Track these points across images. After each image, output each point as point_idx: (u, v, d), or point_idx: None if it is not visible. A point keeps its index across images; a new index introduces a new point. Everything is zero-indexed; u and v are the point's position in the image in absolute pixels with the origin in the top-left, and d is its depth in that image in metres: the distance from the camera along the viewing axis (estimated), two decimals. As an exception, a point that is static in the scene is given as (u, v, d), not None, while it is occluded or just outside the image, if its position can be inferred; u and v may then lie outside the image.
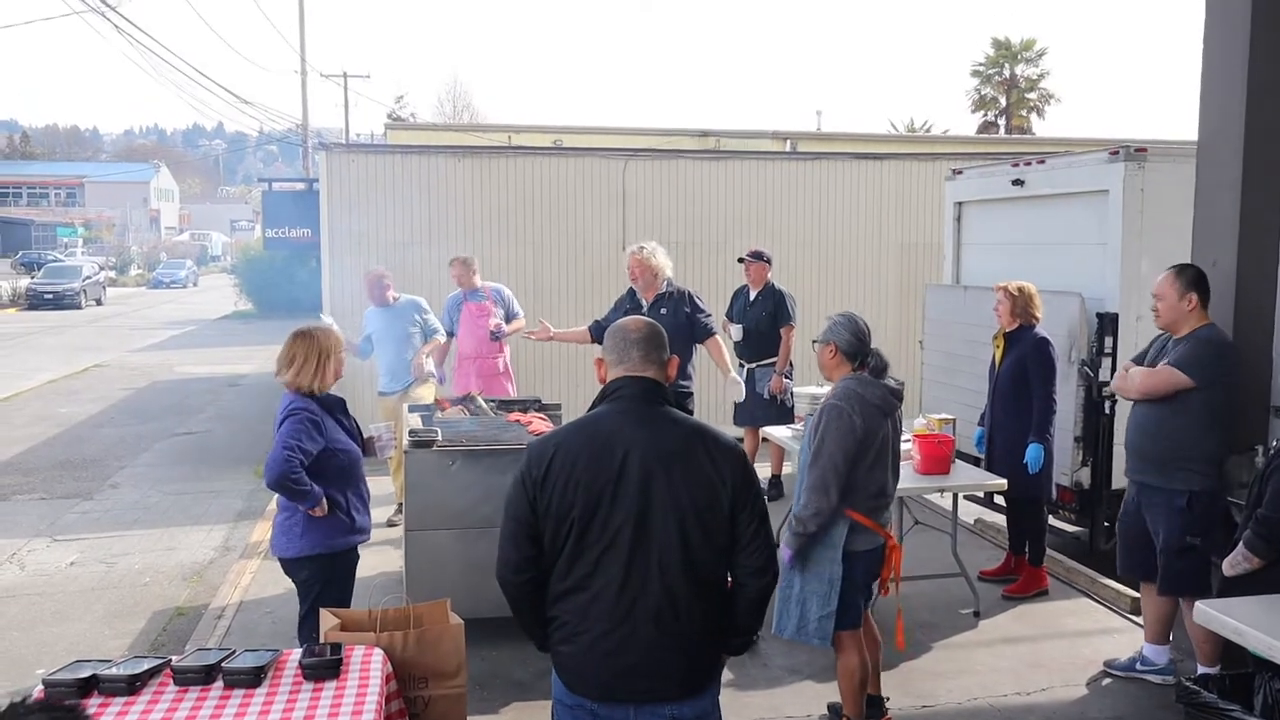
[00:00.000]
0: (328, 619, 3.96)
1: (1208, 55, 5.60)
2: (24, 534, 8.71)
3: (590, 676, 2.93)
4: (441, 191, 11.29)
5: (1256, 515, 4.24)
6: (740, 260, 8.87)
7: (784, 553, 4.55)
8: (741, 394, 7.59)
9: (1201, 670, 4.91)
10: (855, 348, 4.61)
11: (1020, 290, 6.58)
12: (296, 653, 3.60)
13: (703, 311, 7.36)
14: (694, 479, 2.91)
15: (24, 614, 6.86)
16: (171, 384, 17.91)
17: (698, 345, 7.36)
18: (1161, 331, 5.29)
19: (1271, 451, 4.32)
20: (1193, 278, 5.09)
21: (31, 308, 36.39)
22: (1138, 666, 5.49)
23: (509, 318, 8.79)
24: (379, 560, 7.18)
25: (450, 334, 8.74)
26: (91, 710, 3.11)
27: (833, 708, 5.08)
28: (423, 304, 8.58)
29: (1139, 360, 5.38)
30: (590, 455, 2.89)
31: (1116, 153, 7.10)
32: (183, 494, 10.08)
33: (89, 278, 39.09)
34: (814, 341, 4.78)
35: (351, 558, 4.76)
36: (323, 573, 4.63)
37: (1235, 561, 4.31)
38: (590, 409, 3.06)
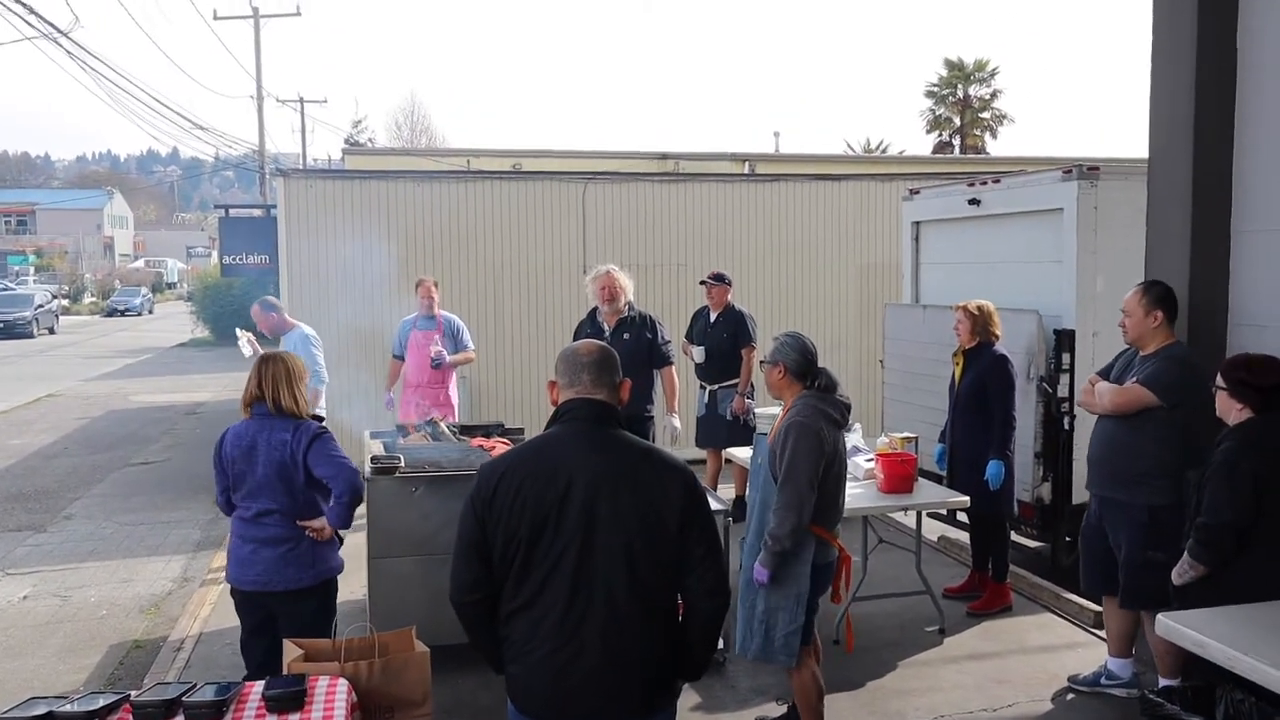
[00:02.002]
0: (290, 649, 3.91)
1: (1155, 72, 5.69)
2: (-25, 568, 8.53)
3: (538, 695, 2.94)
4: (400, 216, 11.24)
5: (1196, 523, 4.26)
6: (703, 283, 8.91)
7: (761, 573, 4.56)
8: (677, 433, 7.75)
9: (1163, 683, 4.93)
10: (804, 367, 4.65)
11: (980, 309, 6.65)
12: (259, 685, 3.54)
13: (664, 340, 7.45)
14: (640, 500, 2.92)
15: (-24, 650, 6.72)
16: (127, 413, 17.65)
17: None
18: (1128, 346, 5.34)
19: (1208, 460, 4.36)
20: (1159, 295, 5.14)
21: (-19, 337, 35.79)
22: (1102, 681, 5.53)
23: (457, 348, 8.77)
24: (343, 589, 7.08)
25: (400, 357, 8.78)
26: (48, 748, 3.04)
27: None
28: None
29: (1104, 374, 5.42)
30: (537, 476, 2.90)
31: (1070, 171, 7.20)
32: (139, 524, 9.92)
33: (41, 306, 38.48)
34: (762, 362, 4.82)
35: None
36: (330, 598, 4.59)
37: (1182, 570, 4.32)
38: (544, 431, 3.07)
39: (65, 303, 48.99)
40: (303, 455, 4.36)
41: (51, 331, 38.34)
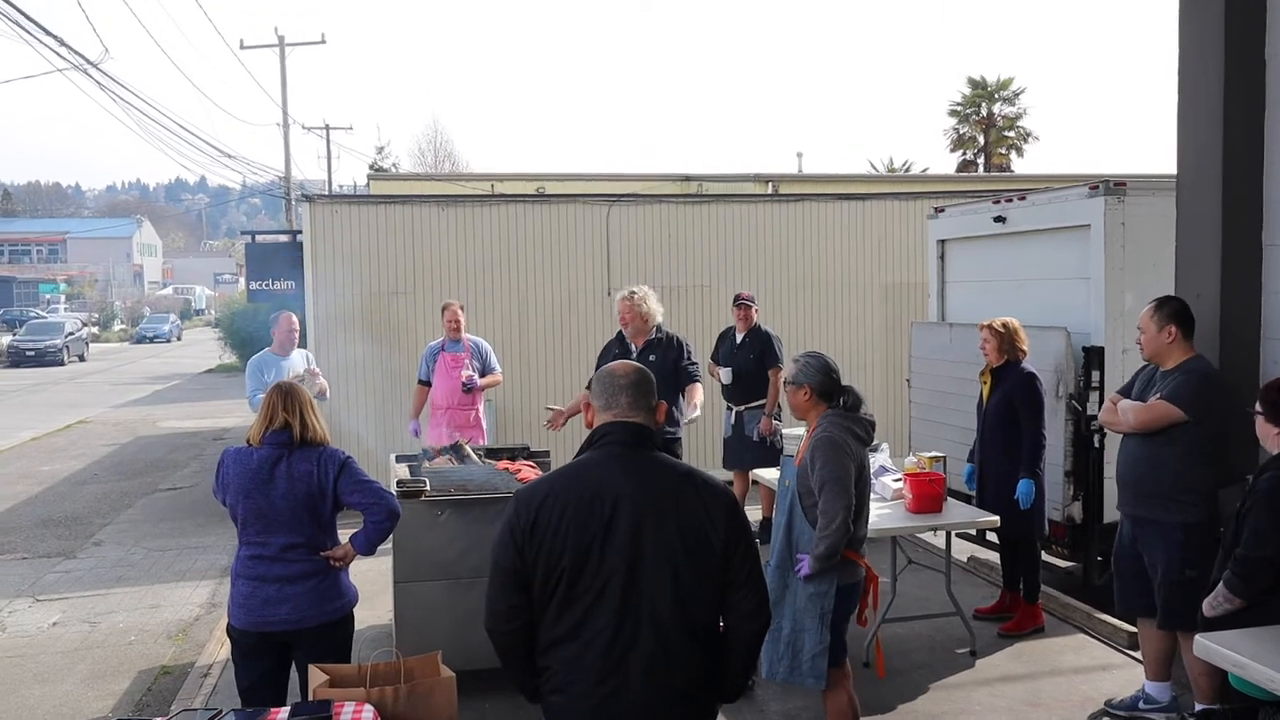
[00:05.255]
0: (316, 675, 3.89)
1: (1183, 89, 5.64)
2: (5, 595, 8.57)
3: None
4: (425, 241, 11.29)
5: (1235, 555, 4.15)
6: (738, 303, 8.82)
7: (803, 564, 4.55)
8: (694, 418, 7.35)
9: (1201, 707, 4.85)
10: (829, 387, 4.64)
11: (1005, 326, 6.59)
12: (284, 711, 3.52)
13: (691, 361, 7.37)
14: (685, 523, 2.88)
15: (4, 676, 6.73)
16: (155, 439, 17.77)
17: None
18: (1147, 363, 5.29)
19: (1248, 488, 4.26)
20: (1173, 310, 5.10)
21: (13, 365, 36.15)
22: (1141, 705, 5.43)
23: (485, 372, 8.76)
24: (368, 614, 7.07)
25: (426, 383, 8.74)
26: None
27: None
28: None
29: (1124, 392, 5.38)
30: (580, 502, 2.86)
31: (1096, 187, 7.14)
32: (167, 550, 9.96)
33: (71, 334, 38.92)
34: (786, 383, 4.79)
35: None
36: (353, 626, 4.48)
37: (1216, 603, 4.20)
38: (577, 454, 3.03)
39: (95, 330, 49.51)
40: (332, 485, 4.24)
41: (82, 359, 38.73)
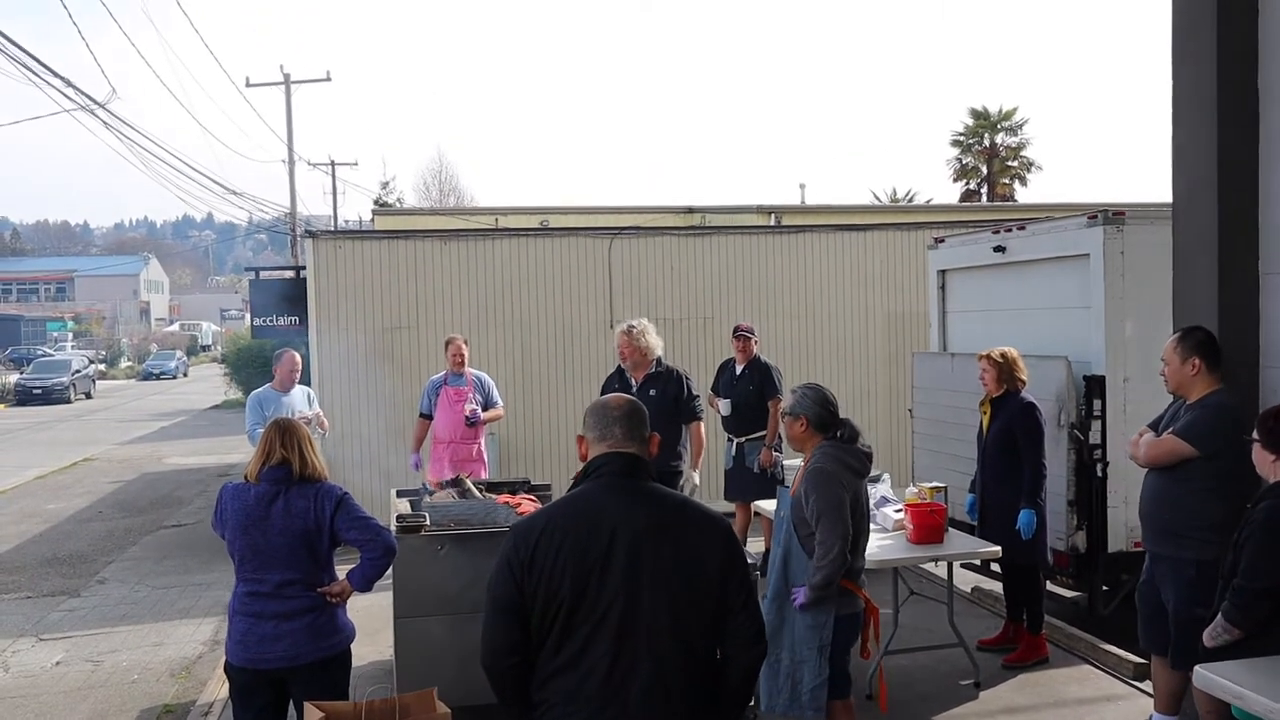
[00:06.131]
0: (311, 713, 3.88)
1: (1177, 116, 5.67)
2: (9, 634, 8.56)
3: None
4: (428, 276, 11.34)
5: (1233, 585, 4.11)
6: (738, 335, 8.84)
7: (799, 595, 4.57)
8: (695, 488, 7.57)
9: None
10: (826, 419, 4.65)
11: (1003, 356, 6.60)
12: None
13: (693, 395, 7.41)
14: (682, 553, 2.89)
15: (7, 717, 6.71)
16: (160, 476, 17.79)
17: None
18: (1173, 395, 5.22)
19: (1245, 518, 4.23)
20: (1197, 342, 5.00)
21: (20, 403, 36.29)
22: (1145, 735, 5.38)
23: (487, 405, 8.78)
24: (370, 649, 7.06)
25: (428, 416, 8.75)
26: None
27: None
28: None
29: (1155, 426, 5.25)
30: (577, 533, 2.87)
31: (1095, 217, 7.16)
32: (171, 587, 9.95)
33: (78, 371, 39.05)
34: (783, 414, 4.81)
35: None
36: (350, 662, 4.46)
37: (1215, 634, 4.16)
38: (571, 487, 3.04)
39: (102, 367, 49.66)
40: (329, 521, 4.24)
41: (88, 396, 38.85)
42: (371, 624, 6.93)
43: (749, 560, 5.17)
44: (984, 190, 41.65)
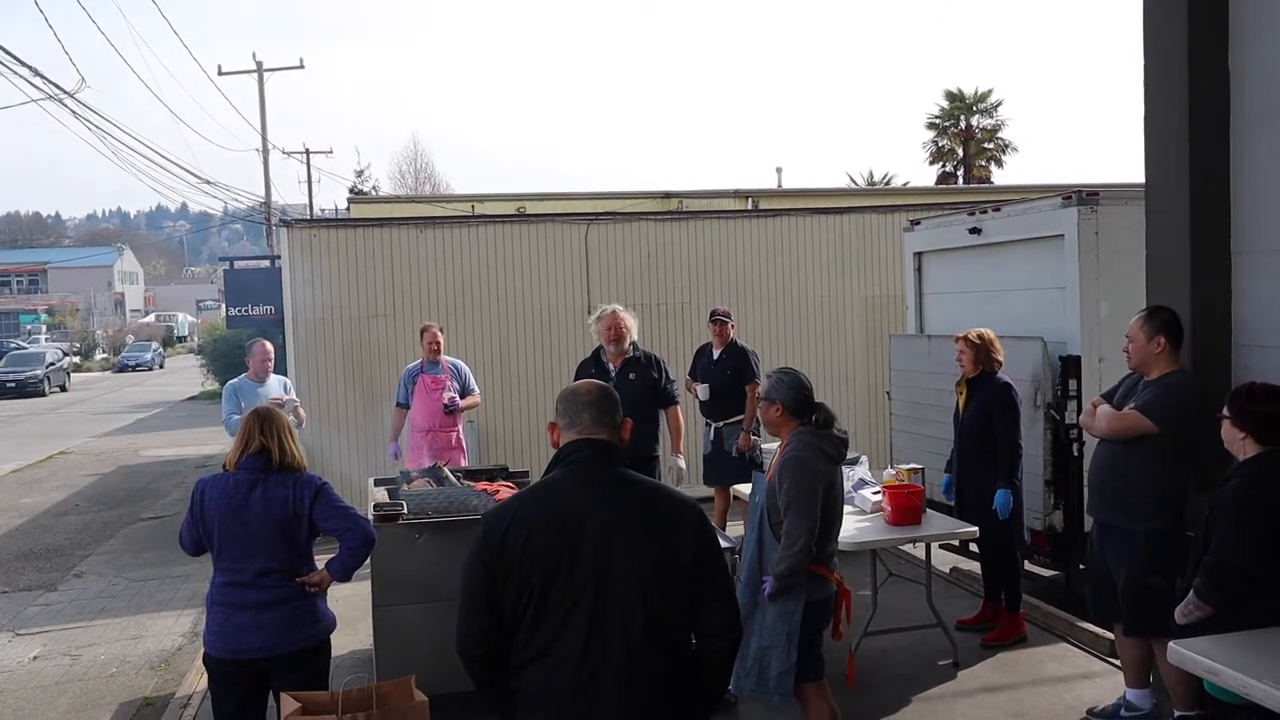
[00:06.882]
0: (288, 702, 3.87)
1: (1149, 101, 5.68)
2: (-15, 629, 8.50)
3: None
4: (404, 263, 11.29)
5: (1205, 563, 4.14)
6: (714, 320, 8.83)
7: (768, 584, 4.56)
8: (682, 473, 7.64)
9: (1180, 714, 4.85)
10: (800, 403, 4.64)
11: (980, 337, 6.63)
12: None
13: (670, 380, 7.43)
14: (653, 538, 2.88)
15: (-16, 712, 6.68)
16: (137, 468, 17.68)
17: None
18: (1133, 371, 5.30)
19: (1215, 495, 4.26)
20: (1163, 321, 5.12)
21: (-6, 397, 35.96)
22: (1122, 713, 5.43)
23: (464, 393, 8.76)
24: (350, 639, 7.03)
25: (405, 405, 8.72)
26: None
27: None
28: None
29: (1109, 397, 5.38)
30: (547, 520, 2.86)
31: (1069, 198, 7.18)
32: (149, 580, 9.89)
33: (52, 364, 38.73)
34: (759, 399, 4.81)
35: None
36: (329, 651, 4.45)
37: (1187, 611, 4.17)
38: (545, 474, 3.03)
39: (77, 360, 49.30)
40: (308, 511, 4.20)
41: (63, 389, 38.54)
42: (352, 613, 6.91)
43: (726, 545, 5.20)
44: (960, 172, 41.78)
